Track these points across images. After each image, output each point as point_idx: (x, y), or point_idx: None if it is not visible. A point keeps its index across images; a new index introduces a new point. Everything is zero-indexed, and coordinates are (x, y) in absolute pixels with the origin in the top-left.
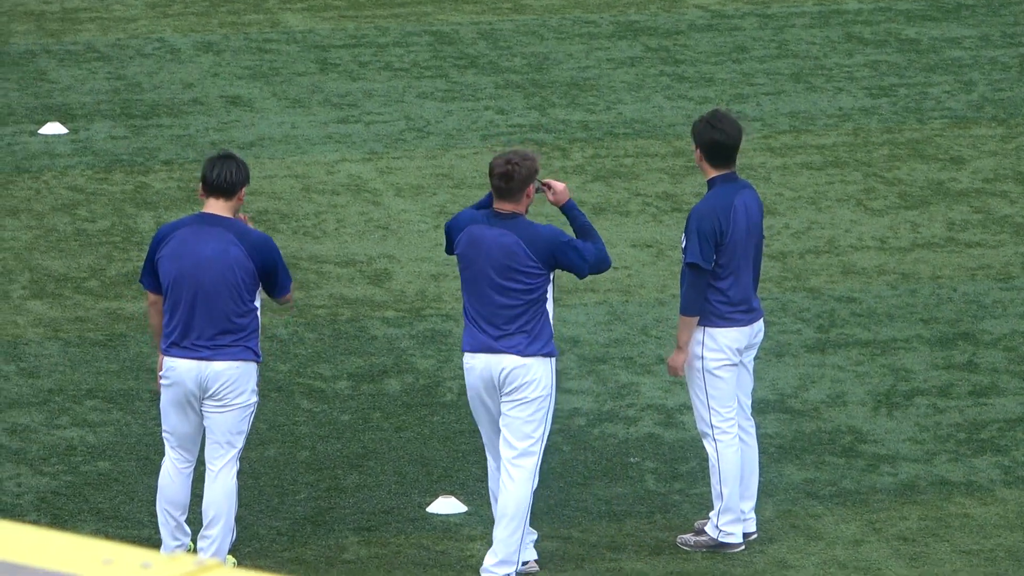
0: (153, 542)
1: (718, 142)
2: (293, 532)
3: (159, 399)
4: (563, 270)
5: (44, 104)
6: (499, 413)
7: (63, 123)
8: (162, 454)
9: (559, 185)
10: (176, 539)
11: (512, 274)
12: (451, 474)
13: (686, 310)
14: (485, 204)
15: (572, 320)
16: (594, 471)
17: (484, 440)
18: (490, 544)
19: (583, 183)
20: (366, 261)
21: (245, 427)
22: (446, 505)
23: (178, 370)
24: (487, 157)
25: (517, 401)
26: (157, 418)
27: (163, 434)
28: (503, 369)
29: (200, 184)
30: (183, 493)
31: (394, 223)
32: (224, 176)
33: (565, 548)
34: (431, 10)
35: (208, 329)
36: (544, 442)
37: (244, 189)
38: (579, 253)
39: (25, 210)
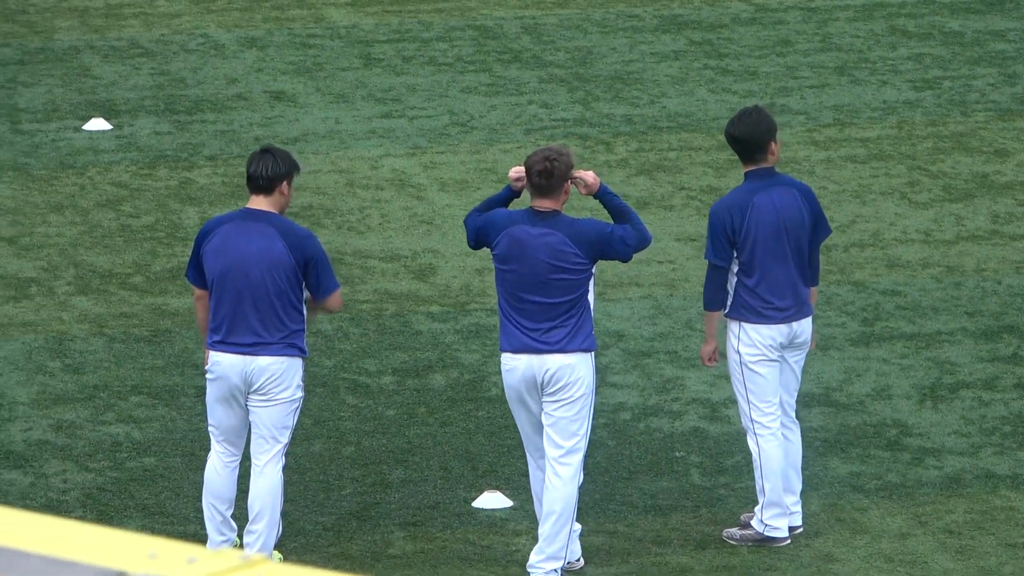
0: (199, 538)
1: (734, 138)
2: (339, 527)
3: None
4: (609, 260)
5: (88, 100)
6: (540, 412)
7: (107, 119)
8: (208, 450)
9: (589, 176)
10: (222, 534)
11: (558, 273)
12: (496, 469)
13: (705, 305)
14: (502, 200)
15: (617, 314)
16: (639, 465)
17: (524, 439)
18: (535, 539)
19: (627, 177)
20: (411, 256)
21: (291, 422)
22: (492, 500)
23: (223, 365)
24: (531, 151)
25: (562, 401)
26: (203, 413)
27: (209, 428)
28: (547, 370)
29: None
30: (229, 487)
31: (438, 218)
32: (261, 171)
33: (611, 543)
34: (475, 4)
35: (253, 324)
36: (588, 437)
37: (286, 183)
38: (623, 240)
39: (70, 206)
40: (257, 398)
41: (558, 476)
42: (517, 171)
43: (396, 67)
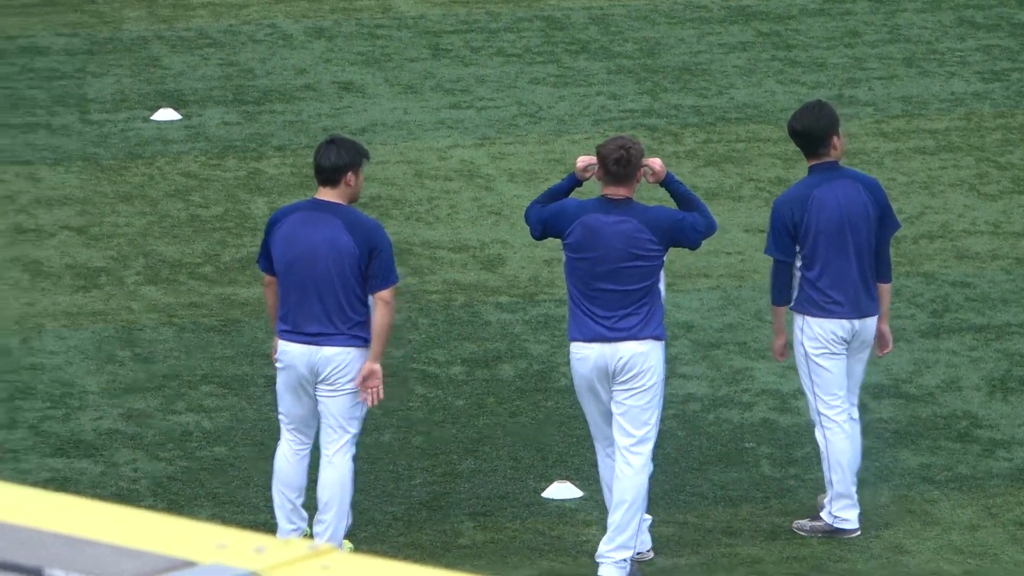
0: (269, 527)
1: (797, 132)
2: (409, 517)
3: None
4: (679, 247)
5: (157, 90)
6: (610, 401)
7: (176, 109)
8: (278, 439)
9: (656, 163)
10: (292, 523)
11: (633, 260)
12: (566, 459)
13: (772, 299)
14: (564, 191)
15: (686, 305)
16: (709, 456)
17: (592, 429)
18: (605, 529)
19: (695, 168)
20: (479, 247)
21: (359, 412)
22: (561, 490)
23: (290, 354)
24: (598, 142)
25: (634, 390)
26: (273, 402)
27: (279, 416)
28: (620, 358)
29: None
30: (298, 476)
31: (507, 208)
32: (327, 161)
33: (681, 533)
34: None
35: (318, 314)
36: (658, 426)
37: (352, 174)
38: (693, 227)
39: (139, 196)
40: (324, 388)
41: (629, 465)
42: (585, 160)
43: (464, 58)
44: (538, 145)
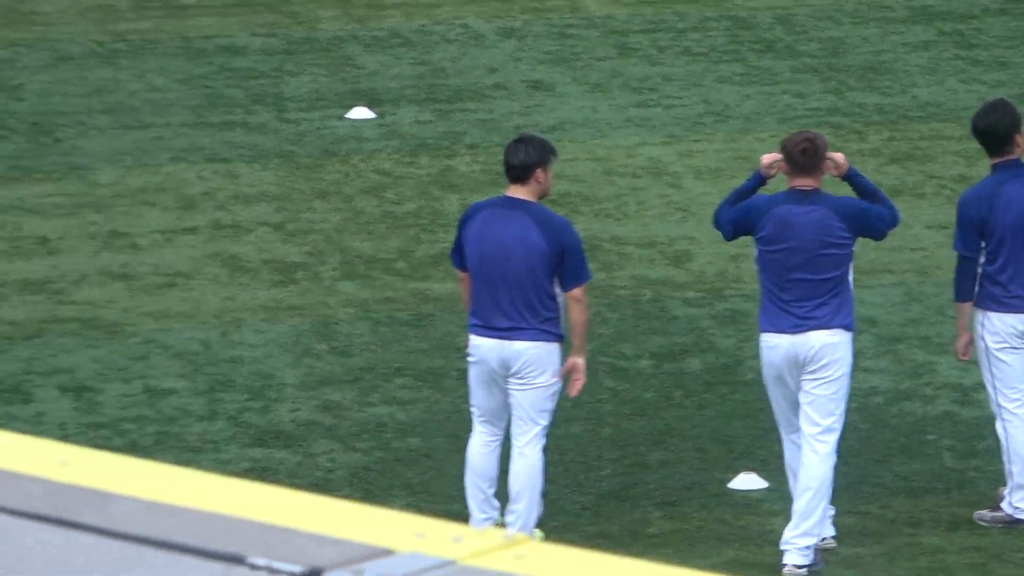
0: (463, 516)
1: (979, 131)
2: (598, 507)
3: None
4: (865, 236)
5: (352, 89)
6: (797, 390)
7: (370, 108)
8: (470, 431)
9: (839, 156)
10: (484, 512)
11: (827, 248)
12: (752, 451)
13: (955, 296)
14: (750, 190)
15: (870, 301)
16: (892, 448)
17: (779, 418)
18: (790, 519)
19: (879, 165)
20: (667, 242)
21: (549, 405)
22: (747, 481)
23: (482, 349)
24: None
25: (823, 379)
26: (466, 395)
27: (471, 409)
28: (811, 347)
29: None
30: (490, 466)
31: (694, 205)
32: (516, 159)
33: (864, 523)
34: None
35: (508, 310)
36: (844, 417)
37: (542, 171)
38: (879, 216)
39: (334, 193)
40: (515, 382)
41: (815, 452)
42: (770, 157)
43: (651, 57)
44: (724, 143)
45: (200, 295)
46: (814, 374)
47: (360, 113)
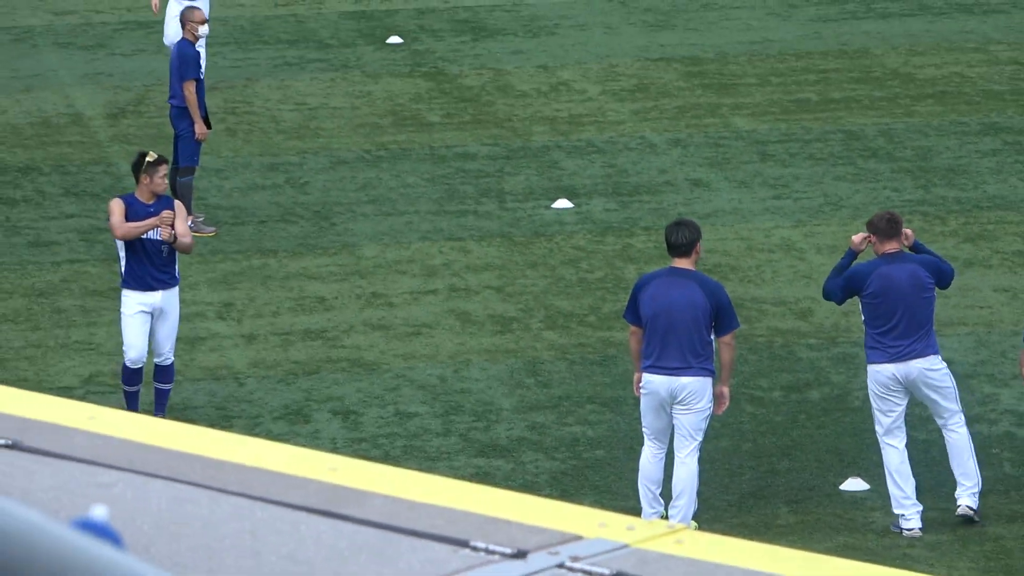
0: (636, 511)
1: None
2: (739, 503)
3: (640, 403)
4: (937, 285)
5: (556, 185)
6: (903, 404)
7: (569, 199)
8: (642, 444)
9: (908, 231)
10: (652, 507)
11: (923, 292)
12: (858, 461)
13: None
14: (847, 263)
15: (948, 346)
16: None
17: (885, 423)
18: (888, 514)
19: (957, 243)
20: (794, 301)
21: (704, 425)
22: (854, 484)
23: (655, 383)
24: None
25: (935, 393)
26: (639, 418)
27: (643, 429)
28: (920, 369)
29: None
30: (657, 472)
31: (815, 273)
32: (678, 238)
33: (943, 517)
34: (843, 114)
35: (677, 353)
36: (963, 412)
37: (699, 244)
38: (947, 269)
39: (541, 264)
40: (679, 407)
41: (956, 432)
42: (860, 236)
43: (784, 161)
44: (839, 226)
45: (439, 341)
46: (928, 390)
47: (562, 203)
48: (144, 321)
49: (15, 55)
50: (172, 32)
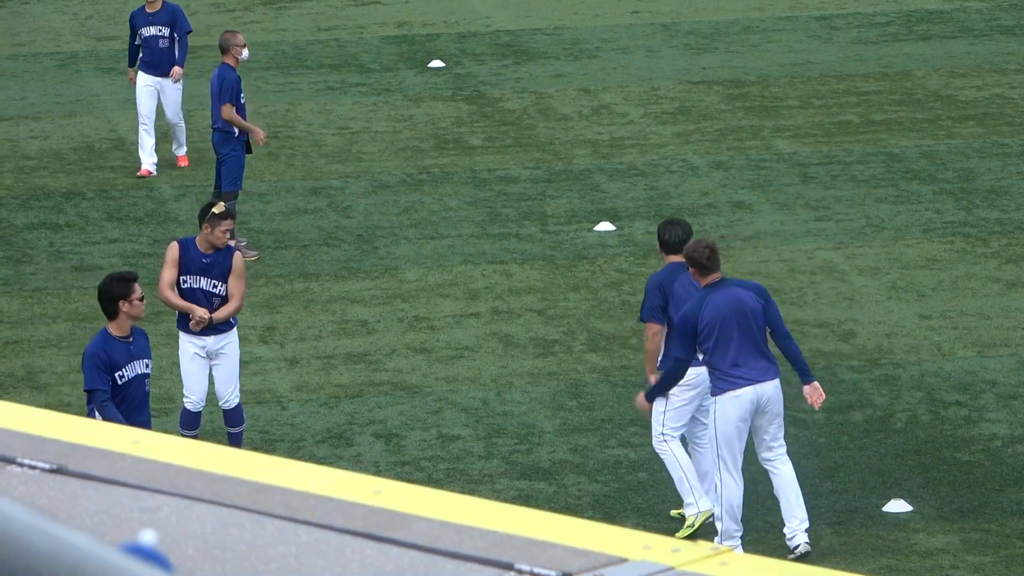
0: (677, 532)
1: None
2: (782, 525)
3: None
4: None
5: (598, 208)
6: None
7: (612, 222)
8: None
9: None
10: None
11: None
12: (901, 482)
13: None
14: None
15: (992, 367)
16: (1008, 480)
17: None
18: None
19: (999, 265)
20: (836, 323)
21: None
22: (897, 505)
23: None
24: (931, 246)
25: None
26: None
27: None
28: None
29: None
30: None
31: (857, 295)
32: (674, 236)
33: (986, 538)
34: (884, 136)
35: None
36: None
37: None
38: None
39: (584, 287)
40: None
41: None
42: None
43: (826, 183)
44: (881, 248)
45: (481, 364)
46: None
47: (604, 226)
48: (200, 365)
49: (59, 80)
50: (145, 104)
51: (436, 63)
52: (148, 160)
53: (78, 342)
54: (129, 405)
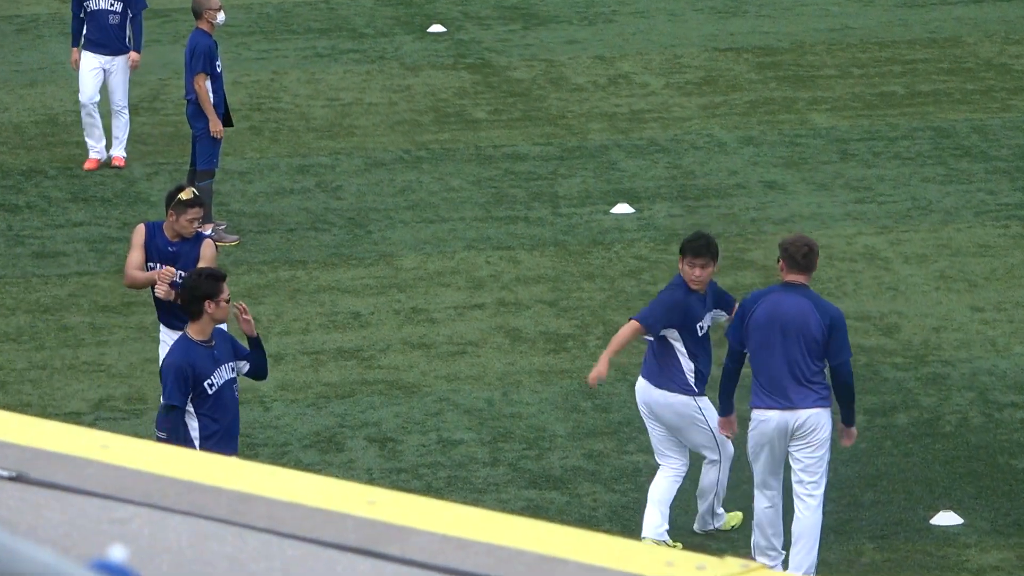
0: (705, 548)
1: None
2: (821, 539)
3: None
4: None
5: (615, 188)
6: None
7: (630, 204)
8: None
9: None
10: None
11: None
12: (950, 492)
13: None
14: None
15: None
16: None
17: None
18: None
19: None
20: (878, 316)
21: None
22: (946, 518)
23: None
24: (984, 230)
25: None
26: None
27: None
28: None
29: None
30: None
31: (902, 285)
32: (710, 246)
33: None
34: (932, 109)
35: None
36: None
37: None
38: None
39: (600, 275)
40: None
41: None
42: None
43: (867, 161)
44: (928, 232)
45: (486, 361)
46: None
47: (622, 208)
48: None
49: (19, 47)
50: (89, 88)
51: (436, 27)
52: (96, 147)
53: (40, 336)
54: (224, 413)
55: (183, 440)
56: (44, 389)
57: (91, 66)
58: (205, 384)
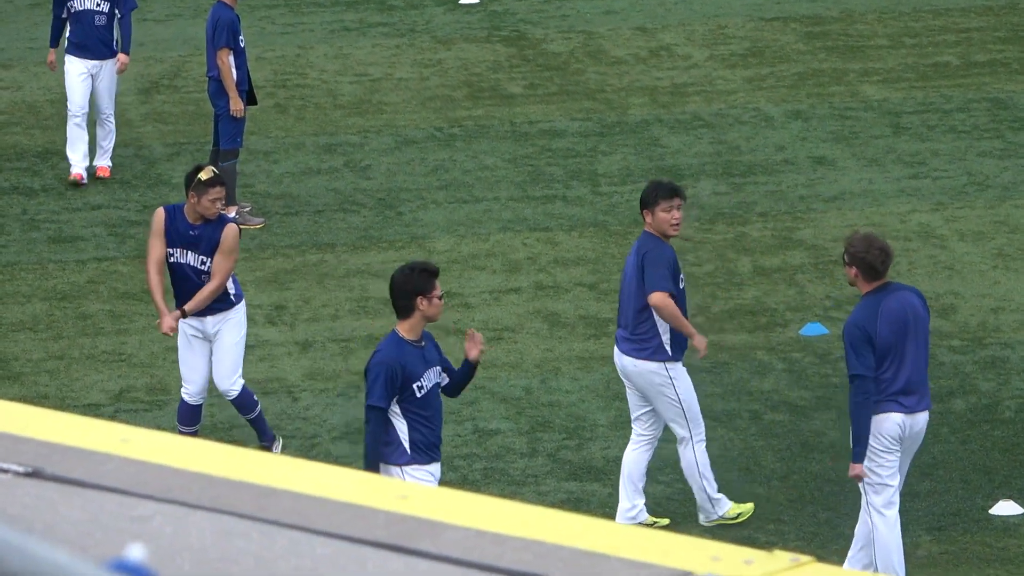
0: (753, 542)
1: None
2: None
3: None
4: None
5: (657, 166)
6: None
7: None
8: (759, 465)
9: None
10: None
11: None
12: (1010, 481)
13: None
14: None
15: None
16: None
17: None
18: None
19: None
20: (934, 297)
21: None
22: (1007, 508)
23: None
24: None
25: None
26: (758, 433)
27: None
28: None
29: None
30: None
31: (958, 264)
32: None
33: None
34: (989, 80)
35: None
36: None
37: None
38: None
39: None
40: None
41: None
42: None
43: (921, 134)
44: (985, 209)
45: (523, 347)
46: None
47: None
48: (199, 351)
49: (32, 22)
50: (79, 95)
51: None
52: (81, 163)
53: (57, 325)
54: (431, 417)
55: (388, 444)
56: (62, 380)
57: (78, 71)
58: (414, 386)
